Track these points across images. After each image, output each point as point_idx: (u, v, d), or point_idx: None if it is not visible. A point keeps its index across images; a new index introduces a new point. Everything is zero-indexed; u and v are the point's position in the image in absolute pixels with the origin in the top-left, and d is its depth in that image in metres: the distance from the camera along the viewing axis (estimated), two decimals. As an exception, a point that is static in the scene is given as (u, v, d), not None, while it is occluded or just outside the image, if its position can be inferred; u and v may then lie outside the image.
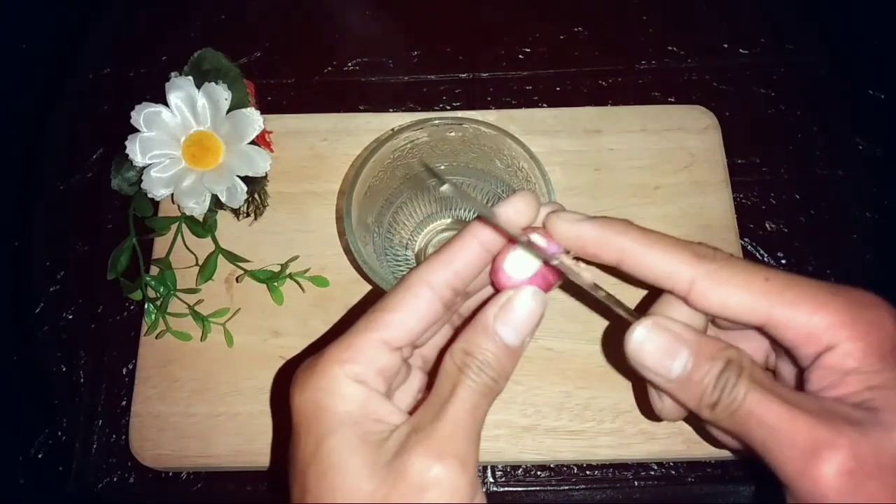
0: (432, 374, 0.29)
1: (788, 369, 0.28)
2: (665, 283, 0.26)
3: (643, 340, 0.26)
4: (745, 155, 0.51)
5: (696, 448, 0.41)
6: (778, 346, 0.27)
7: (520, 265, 0.27)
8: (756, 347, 0.30)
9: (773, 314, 0.25)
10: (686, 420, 0.41)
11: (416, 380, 0.30)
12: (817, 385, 0.25)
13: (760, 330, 0.26)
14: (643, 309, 0.28)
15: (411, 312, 0.26)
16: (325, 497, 0.24)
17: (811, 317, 0.24)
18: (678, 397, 0.26)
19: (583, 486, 0.43)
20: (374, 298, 0.28)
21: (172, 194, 0.45)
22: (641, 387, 0.27)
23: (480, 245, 0.27)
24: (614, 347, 0.43)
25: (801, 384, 0.26)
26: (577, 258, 0.28)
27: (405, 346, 0.27)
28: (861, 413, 0.23)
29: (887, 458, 0.22)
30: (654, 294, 0.29)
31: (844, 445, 0.22)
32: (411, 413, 0.26)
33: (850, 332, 0.24)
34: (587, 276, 0.27)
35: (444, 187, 0.25)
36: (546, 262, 0.27)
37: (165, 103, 0.44)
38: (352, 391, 0.25)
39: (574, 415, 0.42)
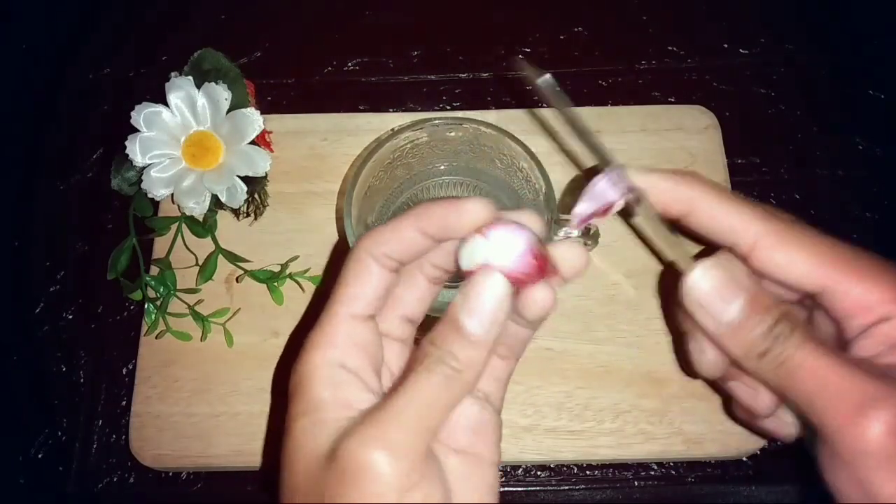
0: None
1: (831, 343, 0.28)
2: (729, 237, 0.27)
3: (700, 280, 0.25)
4: (745, 155, 0.51)
5: (696, 448, 0.41)
6: (824, 315, 0.27)
7: (469, 255, 0.25)
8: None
9: (832, 282, 0.25)
10: (688, 420, 0.41)
11: None
12: (864, 353, 0.25)
13: (811, 297, 0.26)
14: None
15: (366, 282, 0.26)
16: (287, 474, 0.25)
17: (871, 289, 0.25)
18: (725, 344, 0.26)
19: (583, 486, 0.43)
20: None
21: (172, 194, 0.45)
22: (681, 343, 0.27)
23: (417, 230, 0.26)
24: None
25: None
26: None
27: (381, 316, 0.27)
28: None
29: None
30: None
31: (894, 404, 0.22)
32: None
33: None
34: (656, 204, 0.27)
35: (547, 77, 0.25)
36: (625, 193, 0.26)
37: (165, 103, 0.44)
38: (325, 374, 0.25)
39: (574, 415, 0.42)
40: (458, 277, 0.27)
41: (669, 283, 0.26)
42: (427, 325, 0.29)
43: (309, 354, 0.26)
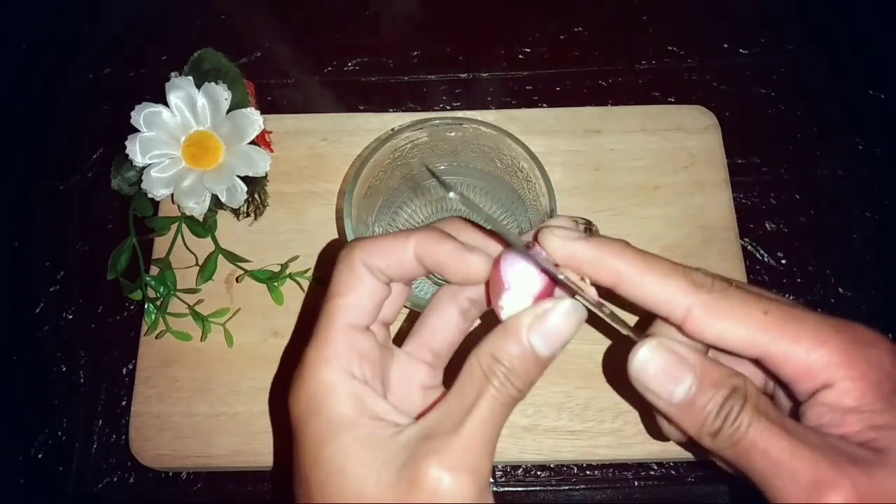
0: (448, 371, 0.28)
1: (786, 399, 0.28)
2: (660, 309, 0.26)
3: (646, 361, 0.25)
4: (745, 155, 0.51)
5: (696, 448, 0.41)
6: (774, 379, 0.26)
7: (509, 310, 0.26)
8: (754, 372, 0.29)
9: (771, 349, 0.24)
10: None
11: (422, 373, 0.29)
12: (815, 422, 0.24)
13: (757, 362, 0.25)
14: (643, 328, 0.28)
15: (363, 291, 0.26)
16: (329, 501, 0.24)
17: (809, 353, 0.24)
18: (679, 422, 0.25)
19: (583, 486, 0.43)
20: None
21: (172, 194, 0.45)
22: (647, 406, 0.27)
23: (416, 256, 0.27)
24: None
25: (797, 418, 0.26)
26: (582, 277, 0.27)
27: (372, 324, 0.27)
28: (866, 453, 0.23)
29: (891, 500, 0.22)
30: (651, 314, 0.28)
31: (847, 485, 0.22)
32: (422, 412, 0.26)
33: (848, 370, 0.24)
34: (592, 291, 0.26)
35: (451, 195, 0.25)
36: (551, 278, 0.26)
37: (165, 103, 0.44)
38: (343, 390, 0.25)
39: (574, 415, 0.42)
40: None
41: (621, 354, 0.25)
42: (412, 316, 0.29)
43: (315, 372, 0.25)
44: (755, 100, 0.53)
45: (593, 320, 0.42)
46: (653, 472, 0.43)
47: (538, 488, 0.43)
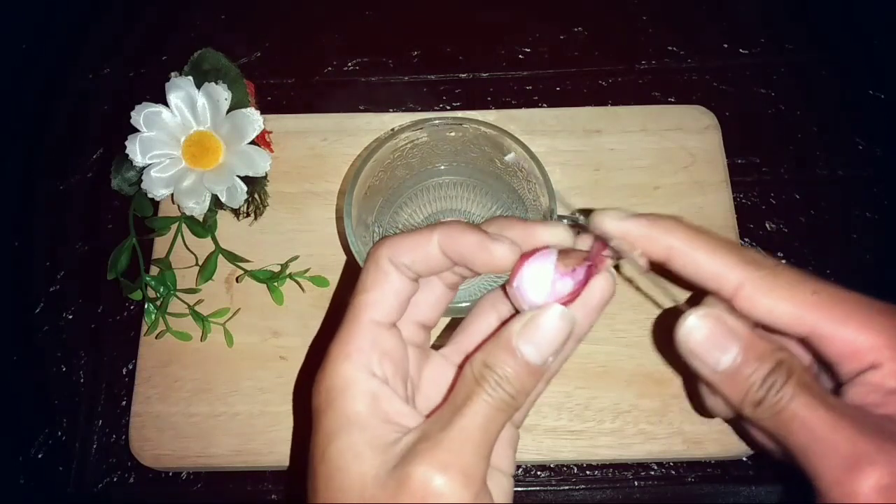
0: None
1: (828, 382, 0.28)
2: (711, 284, 0.26)
3: (693, 328, 0.25)
4: (745, 155, 0.51)
5: (696, 448, 0.41)
6: (819, 358, 0.27)
7: (536, 286, 0.26)
8: (800, 353, 0.29)
9: (818, 328, 0.25)
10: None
11: (454, 376, 0.29)
12: (857, 402, 0.25)
13: (803, 341, 0.26)
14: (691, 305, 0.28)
15: (388, 289, 0.27)
16: (330, 497, 0.24)
17: (857, 334, 0.24)
18: (722, 390, 0.26)
19: (583, 486, 0.43)
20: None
21: (172, 194, 0.45)
22: (692, 382, 0.28)
23: (441, 250, 0.27)
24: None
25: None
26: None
27: (398, 322, 0.27)
28: None
29: None
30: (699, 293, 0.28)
31: (885, 461, 0.22)
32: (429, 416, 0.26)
33: (895, 352, 0.24)
34: (643, 261, 0.27)
35: (510, 156, 0.25)
36: (603, 243, 0.27)
37: (165, 103, 0.44)
38: (360, 388, 0.25)
39: (574, 415, 0.42)
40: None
41: (671, 326, 0.26)
42: (452, 325, 0.29)
43: (336, 366, 0.26)
44: (755, 100, 0.53)
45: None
46: (653, 472, 0.43)
47: (538, 488, 0.43)
